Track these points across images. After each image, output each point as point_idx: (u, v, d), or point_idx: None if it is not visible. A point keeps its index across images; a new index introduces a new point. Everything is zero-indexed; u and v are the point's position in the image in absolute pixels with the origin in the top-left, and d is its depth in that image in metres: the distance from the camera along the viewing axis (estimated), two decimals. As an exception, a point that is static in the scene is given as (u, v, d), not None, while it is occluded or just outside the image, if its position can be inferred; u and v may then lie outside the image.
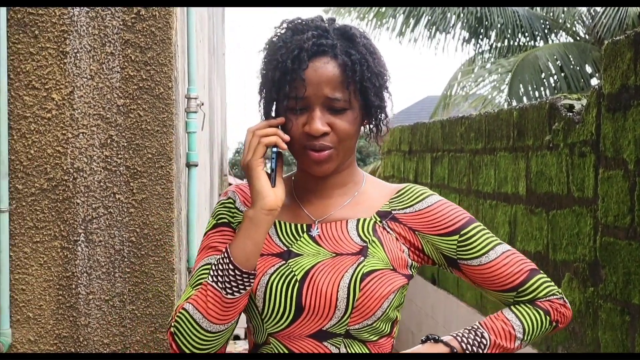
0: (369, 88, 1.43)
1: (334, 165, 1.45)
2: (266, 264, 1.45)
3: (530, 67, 9.64)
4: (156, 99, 2.36)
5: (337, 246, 1.46)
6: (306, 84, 1.40)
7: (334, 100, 1.42)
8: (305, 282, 1.41)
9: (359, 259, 1.43)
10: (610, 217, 3.03)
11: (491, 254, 1.47)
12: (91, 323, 2.36)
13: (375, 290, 1.40)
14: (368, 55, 1.44)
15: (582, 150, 3.38)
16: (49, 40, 2.32)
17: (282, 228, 1.50)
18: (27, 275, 2.34)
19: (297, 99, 1.42)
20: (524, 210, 4.14)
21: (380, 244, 1.46)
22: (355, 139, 1.47)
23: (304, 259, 1.44)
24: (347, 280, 1.40)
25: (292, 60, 1.40)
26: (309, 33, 1.43)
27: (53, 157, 2.34)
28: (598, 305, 3.17)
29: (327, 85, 1.41)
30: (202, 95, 3.42)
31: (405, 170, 6.78)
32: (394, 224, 1.49)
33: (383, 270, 1.43)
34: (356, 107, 1.45)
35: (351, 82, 1.42)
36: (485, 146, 4.83)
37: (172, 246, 2.37)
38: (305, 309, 1.41)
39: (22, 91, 2.32)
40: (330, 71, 1.41)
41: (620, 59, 2.94)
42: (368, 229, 1.47)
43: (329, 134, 1.42)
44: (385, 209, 1.51)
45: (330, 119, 1.42)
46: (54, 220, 2.34)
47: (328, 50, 1.42)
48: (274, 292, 1.42)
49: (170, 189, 2.37)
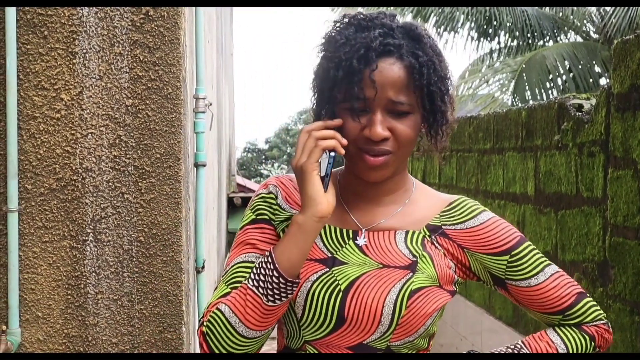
0: (436, 92, 1.36)
1: (389, 172, 1.38)
2: (309, 270, 1.38)
3: (537, 67, 9.61)
4: (164, 99, 2.36)
5: (385, 257, 1.39)
6: (375, 85, 1.32)
7: (398, 104, 1.34)
8: (350, 292, 1.35)
9: (408, 275, 1.36)
10: (620, 217, 3.02)
11: (540, 276, 1.42)
12: (100, 322, 2.37)
13: (422, 308, 1.34)
14: (435, 57, 1.36)
15: (591, 150, 3.36)
16: (58, 40, 2.33)
17: (327, 232, 1.43)
18: (36, 275, 2.35)
19: (360, 100, 1.33)
20: (532, 210, 4.13)
21: (431, 260, 1.39)
22: (414, 145, 1.40)
23: (349, 268, 1.38)
24: (393, 295, 1.34)
25: (357, 60, 1.32)
26: (376, 31, 1.34)
27: (62, 157, 2.34)
28: (607, 306, 3.16)
29: (392, 87, 1.33)
30: (210, 96, 3.43)
31: (414, 170, 6.77)
32: (443, 240, 1.42)
33: (430, 287, 1.36)
34: (419, 112, 1.37)
35: (417, 86, 1.34)
36: (494, 146, 4.82)
37: (180, 246, 2.37)
38: (347, 321, 1.34)
39: (32, 91, 2.33)
40: (396, 73, 1.33)
41: (630, 58, 2.93)
42: (417, 243, 1.40)
43: (389, 139, 1.34)
44: (436, 222, 1.44)
45: (391, 122, 1.34)
46: (63, 220, 2.35)
47: (394, 51, 1.33)
48: (315, 301, 1.36)
49: (178, 188, 2.37)
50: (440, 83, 1.36)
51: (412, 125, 1.36)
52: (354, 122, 1.35)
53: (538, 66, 9.63)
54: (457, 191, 5.63)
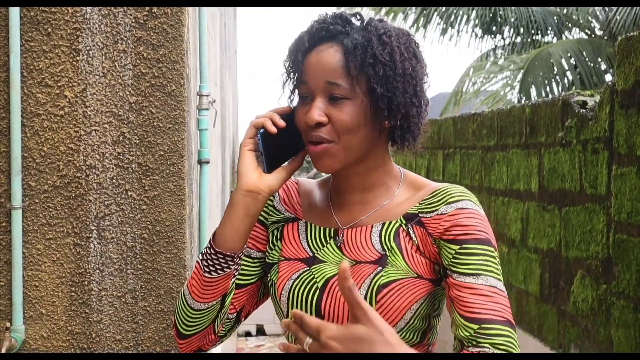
0: (371, 75, 1.30)
1: (335, 162, 1.34)
2: (291, 269, 1.42)
3: (543, 64, 9.60)
4: (168, 96, 2.36)
5: (358, 254, 1.38)
6: (306, 68, 1.33)
7: (334, 85, 1.31)
8: (326, 290, 1.36)
9: (376, 269, 1.34)
10: (624, 214, 3.02)
11: (480, 279, 1.28)
12: (103, 319, 2.38)
13: (394, 302, 1.31)
14: (377, 42, 1.31)
15: (595, 147, 3.36)
16: (61, 37, 2.33)
17: (312, 232, 1.45)
18: (40, 272, 2.36)
19: (301, 84, 1.35)
20: (536, 207, 4.12)
21: (400, 251, 1.35)
22: (362, 135, 1.33)
23: (326, 267, 1.39)
24: (363, 291, 1.32)
25: (296, 44, 1.35)
26: (321, 18, 1.36)
27: (66, 154, 2.35)
28: (611, 303, 3.15)
29: (327, 71, 1.31)
30: (214, 93, 3.43)
31: (417, 167, 6.77)
32: (418, 229, 1.36)
33: (404, 279, 1.33)
34: (360, 98, 1.32)
35: (352, 68, 1.29)
36: (498, 143, 4.81)
37: (184, 243, 2.38)
38: (325, 318, 1.35)
39: (35, 88, 2.33)
40: (331, 55, 1.31)
41: (634, 55, 2.92)
42: (390, 235, 1.37)
43: (325, 126, 1.32)
44: (413, 211, 1.38)
45: (329, 109, 1.32)
46: (67, 217, 2.35)
47: (336, 36, 1.32)
48: (296, 298, 1.38)
49: (182, 186, 2.37)
50: (378, 66, 1.30)
51: (350, 111, 1.31)
52: (300, 110, 1.36)
53: (544, 63, 9.62)
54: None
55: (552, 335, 3.89)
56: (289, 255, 1.44)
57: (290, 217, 1.50)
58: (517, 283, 4.43)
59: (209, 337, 1.47)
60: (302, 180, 1.56)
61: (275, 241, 1.49)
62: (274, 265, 1.46)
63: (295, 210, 1.50)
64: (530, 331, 4.19)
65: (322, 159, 1.34)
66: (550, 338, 3.92)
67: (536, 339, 4.09)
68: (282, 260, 1.45)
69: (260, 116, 1.37)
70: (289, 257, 1.44)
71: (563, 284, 3.75)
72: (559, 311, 3.80)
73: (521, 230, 4.36)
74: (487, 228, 1.34)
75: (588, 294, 3.42)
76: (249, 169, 1.36)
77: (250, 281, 1.51)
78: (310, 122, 1.32)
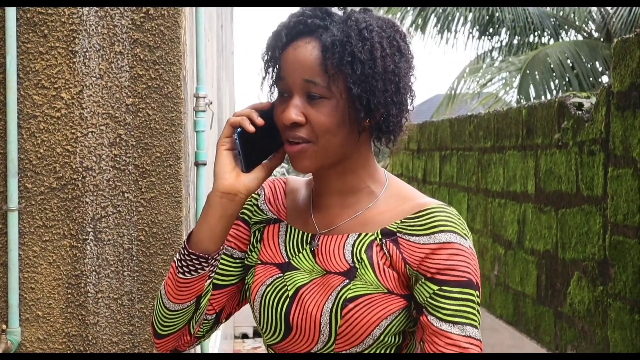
0: (348, 74, 1.23)
1: (312, 163, 1.29)
2: (265, 274, 1.37)
3: (541, 65, 9.61)
4: (165, 97, 2.36)
5: (329, 264, 1.31)
6: (283, 64, 1.27)
7: (311, 84, 1.25)
8: (295, 300, 1.31)
9: (344, 282, 1.28)
10: (620, 215, 3.02)
11: (456, 329, 1.21)
12: (100, 322, 2.37)
13: (361, 318, 1.25)
14: (355, 38, 1.23)
15: (591, 148, 3.36)
16: (58, 39, 2.33)
17: (290, 235, 1.40)
18: (36, 274, 2.35)
19: (278, 80, 1.29)
20: (533, 208, 4.13)
21: (370, 265, 1.28)
22: (341, 135, 1.27)
23: (298, 275, 1.34)
24: (329, 305, 1.27)
25: (273, 39, 1.29)
26: (300, 11, 1.29)
27: (62, 156, 2.35)
28: (607, 304, 3.16)
29: (303, 67, 1.25)
30: (211, 94, 3.43)
31: (414, 169, 6.77)
32: (393, 248, 1.28)
33: (372, 294, 1.26)
34: (338, 98, 1.25)
35: (329, 66, 1.23)
36: (494, 144, 4.82)
37: (180, 245, 2.38)
38: (293, 329, 1.31)
39: (32, 90, 2.33)
40: (308, 51, 1.25)
41: (630, 57, 2.93)
42: (363, 247, 1.30)
43: (303, 126, 1.26)
44: (392, 228, 1.30)
45: (307, 108, 1.26)
46: (63, 219, 2.35)
47: (315, 31, 1.26)
48: (267, 305, 1.34)
49: (178, 187, 2.37)
50: (356, 65, 1.23)
51: (328, 111, 1.25)
52: (278, 107, 1.30)
53: (542, 65, 9.63)
54: (458, 190, 5.63)
55: (548, 337, 3.89)
56: (266, 258, 1.40)
57: (273, 218, 1.45)
58: (514, 284, 4.43)
59: (184, 337, 1.42)
60: (291, 178, 1.50)
61: (255, 243, 1.45)
62: (251, 268, 1.42)
63: (278, 211, 1.45)
64: (527, 333, 4.20)
65: (299, 159, 1.29)
66: (546, 339, 3.92)
67: (533, 340, 4.09)
68: (259, 263, 1.40)
69: (238, 113, 1.30)
70: (266, 261, 1.39)
71: (560, 285, 3.75)
72: (556, 313, 3.81)
73: (518, 231, 4.37)
74: (471, 266, 1.25)
75: (584, 296, 3.43)
76: (225, 169, 1.31)
77: (231, 282, 1.46)
78: (286, 122, 1.26)
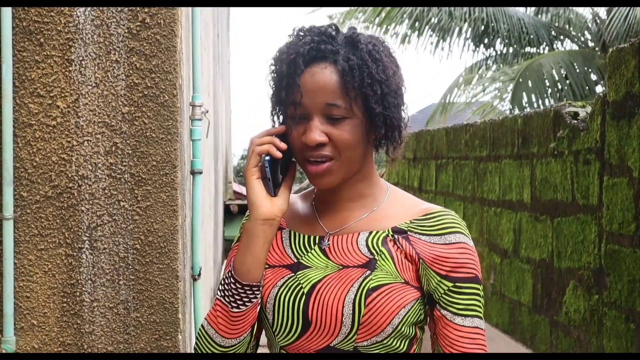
0: (369, 95, 1.35)
1: (336, 179, 1.39)
2: (276, 276, 1.42)
3: (535, 75, 9.65)
4: (161, 106, 2.36)
5: (345, 259, 1.40)
6: (302, 90, 1.35)
7: (333, 107, 1.35)
8: (312, 295, 1.37)
9: (365, 273, 1.36)
10: (615, 224, 3.03)
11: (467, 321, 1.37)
12: (95, 330, 2.37)
13: (383, 306, 1.34)
14: (370, 61, 1.35)
15: (586, 157, 3.37)
16: (54, 48, 2.33)
17: (296, 240, 1.46)
18: (31, 283, 2.34)
19: (295, 105, 1.37)
20: (528, 217, 4.13)
21: (390, 257, 1.38)
22: (360, 150, 1.39)
23: (311, 272, 1.40)
24: (352, 295, 1.34)
25: (287, 65, 1.36)
26: (309, 38, 1.38)
27: (58, 164, 2.34)
28: (603, 313, 3.16)
29: (325, 92, 1.35)
30: (207, 103, 3.43)
31: (410, 178, 6.77)
32: (405, 242, 1.40)
33: (392, 284, 1.36)
34: (358, 116, 1.37)
35: (350, 89, 1.34)
36: (490, 153, 4.82)
37: (176, 253, 2.37)
38: (312, 324, 1.36)
39: (27, 99, 2.33)
40: (327, 77, 1.35)
41: (625, 66, 2.94)
42: (378, 241, 1.40)
43: (326, 145, 1.36)
44: (403, 227, 1.41)
45: (328, 128, 1.36)
46: (59, 227, 2.35)
47: (328, 56, 1.36)
48: (282, 305, 1.39)
49: (174, 196, 2.37)
50: (375, 86, 1.35)
51: (350, 130, 1.36)
52: (295, 130, 1.38)
53: (535, 74, 9.66)
54: (454, 199, 5.63)
55: (544, 346, 3.89)
56: (273, 262, 1.45)
57: None
58: (510, 293, 4.43)
59: None
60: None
61: None
62: None
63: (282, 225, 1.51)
64: (522, 341, 4.19)
65: (323, 177, 1.38)
66: (542, 348, 3.92)
67: (529, 349, 4.09)
68: (267, 268, 1.45)
69: (258, 141, 1.39)
70: (273, 265, 1.44)
71: (555, 294, 3.75)
72: (551, 321, 3.81)
73: (513, 240, 4.37)
74: (476, 263, 1.40)
75: (580, 304, 3.43)
76: (260, 197, 1.39)
77: None
78: (311, 143, 1.35)
